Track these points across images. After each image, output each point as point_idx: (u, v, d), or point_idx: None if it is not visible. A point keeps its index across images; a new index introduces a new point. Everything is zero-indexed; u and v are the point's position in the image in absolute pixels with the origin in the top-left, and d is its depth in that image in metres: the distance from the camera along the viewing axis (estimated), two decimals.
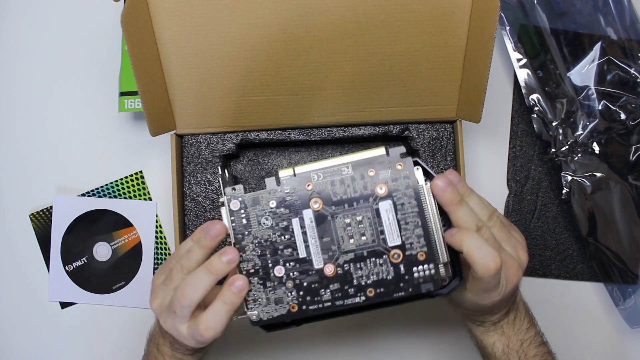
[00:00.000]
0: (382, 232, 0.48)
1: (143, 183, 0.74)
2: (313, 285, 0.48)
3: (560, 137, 0.71)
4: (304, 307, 0.48)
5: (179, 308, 0.47)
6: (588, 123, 0.71)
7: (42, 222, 0.74)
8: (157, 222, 0.74)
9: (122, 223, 0.74)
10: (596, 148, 0.71)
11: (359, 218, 0.48)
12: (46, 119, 0.75)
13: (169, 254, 0.73)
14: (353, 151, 0.49)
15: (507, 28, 0.72)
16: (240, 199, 0.48)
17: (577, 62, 0.72)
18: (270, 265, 0.48)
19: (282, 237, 0.48)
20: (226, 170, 0.51)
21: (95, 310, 0.74)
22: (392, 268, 0.48)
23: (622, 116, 0.71)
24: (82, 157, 0.75)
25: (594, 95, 0.71)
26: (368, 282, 0.49)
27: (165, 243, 0.74)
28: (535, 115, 0.72)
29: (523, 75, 0.72)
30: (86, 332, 0.73)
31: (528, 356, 0.52)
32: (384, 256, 0.48)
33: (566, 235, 0.73)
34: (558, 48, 0.72)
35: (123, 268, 0.73)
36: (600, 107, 0.71)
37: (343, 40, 0.62)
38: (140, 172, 0.74)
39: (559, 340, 0.72)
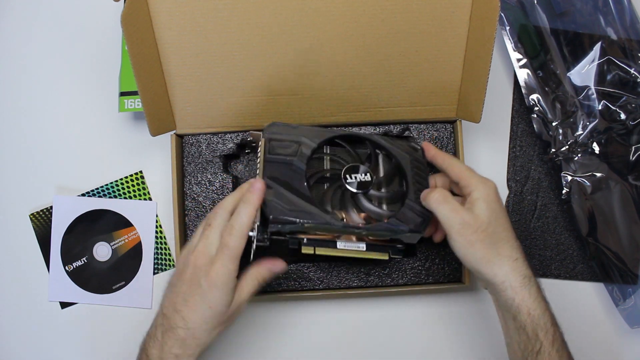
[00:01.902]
0: None
1: (143, 183, 0.74)
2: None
3: (560, 137, 0.71)
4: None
5: (232, 235, 0.51)
6: (588, 123, 0.71)
7: (42, 222, 0.74)
8: (157, 222, 0.74)
9: (122, 223, 0.74)
10: (596, 148, 0.71)
11: None
12: (46, 119, 0.75)
13: (169, 254, 0.73)
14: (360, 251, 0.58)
15: (507, 28, 0.72)
16: None
17: (577, 62, 0.72)
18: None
19: None
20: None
21: (95, 310, 0.74)
22: None
23: (622, 116, 0.71)
24: (82, 157, 0.75)
25: (594, 95, 0.71)
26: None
27: (165, 243, 0.74)
28: (535, 115, 0.72)
29: (523, 75, 0.72)
30: (86, 332, 0.73)
31: (558, 331, 0.55)
32: None
33: (566, 235, 0.73)
34: (558, 48, 0.72)
35: (123, 268, 0.73)
36: (600, 107, 0.71)
37: (343, 41, 0.62)
38: (140, 172, 0.74)
39: None
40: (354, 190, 0.59)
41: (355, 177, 0.59)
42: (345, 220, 0.58)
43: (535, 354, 0.53)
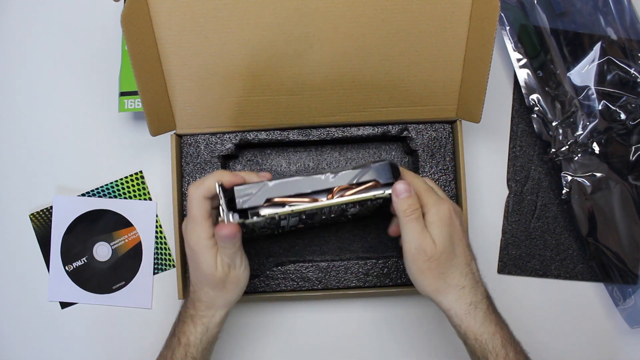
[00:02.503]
0: None
1: (143, 183, 0.74)
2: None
3: (560, 137, 0.71)
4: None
5: (188, 203, 0.56)
6: (588, 123, 0.71)
7: (42, 222, 0.74)
8: (157, 222, 0.74)
9: (122, 223, 0.74)
10: (596, 148, 0.71)
11: None
12: (46, 119, 0.76)
13: (169, 254, 0.73)
14: None
15: (507, 28, 0.72)
16: None
17: (577, 62, 0.72)
18: None
19: None
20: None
21: (95, 310, 0.74)
22: None
23: (622, 116, 0.71)
24: (82, 157, 0.75)
25: (594, 95, 0.71)
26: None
27: (165, 243, 0.74)
28: (535, 115, 0.71)
29: (523, 75, 0.72)
30: (86, 332, 0.73)
31: (517, 350, 0.55)
32: None
33: (566, 235, 0.73)
34: (558, 48, 0.72)
35: (123, 268, 0.73)
36: (600, 107, 0.71)
37: (343, 40, 0.62)
38: (140, 172, 0.74)
39: (559, 340, 0.72)
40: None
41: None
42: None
43: None
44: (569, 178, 0.71)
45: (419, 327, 0.72)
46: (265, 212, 0.54)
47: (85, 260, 0.74)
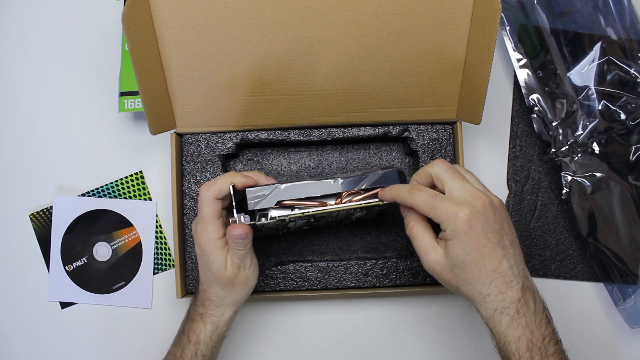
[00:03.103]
0: None
1: (143, 183, 0.74)
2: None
3: (560, 137, 0.71)
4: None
5: (199, 203, 0.57)
6: (588, 123, 0.71)
7: (42, 222, 0.74)
8: (157, 222, 0.74)
9: (122, 223, 0.74)
10: (596, 148, 0.71)
11: None
12: (46, 119, 0.75)
13: (169, 254, 0.73)
14: None
15: (507, 28, 0.72)
16: None
17: (577, 62, 0.72)
18: None
19: None
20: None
21: (95, 310, 0.74)
22: None
23: (622, 116, 0.71)
24: (82, 157, 0.75)
25: (594, 95, 0.71)
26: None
27: (165, 243, 0.74)
28: (535, 115, 0.72)
29: (523, 75, 0.72)
30: (86, 332, 0.73)
31: (548, 353, 0.52)
32: None
33: (566, 235, 0.73)
34: (558, 48, 0.72)
35: (123, 268, 0.73)
36: (600, 107, 0.71)
37: (344, 41, 0.62)
38: (140, 172, 0.74)
39: None
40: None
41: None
42: None
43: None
44: (569, 178, 0.71)
45: (418, 328, 0.72)
46: (276, 214, 0.55)
47: (85, 260, 0.73)
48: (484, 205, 0.51)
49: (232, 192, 0.54)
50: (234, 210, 0.55)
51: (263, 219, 0.55)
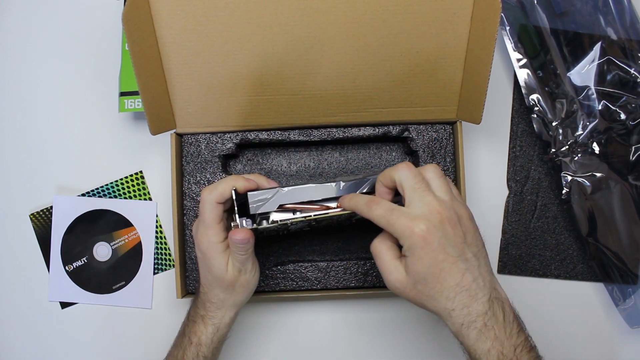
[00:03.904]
0: None
1: (143, 183, 0.74)
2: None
3: (560, 137, 0.71)
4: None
5: (201, 206, 0.56)
6: (588, 123, 0.71)
7: (42, 222, 0.74)
8: (157, 222, 0.74)
9: (122, 223, 0.74)
10: (596, 148, 0.71)
11: None
12: (46, 119, 0.75)
13: (169, 254, 0.73)
14: None
15: (507, 28, 0.72)
16: None
17: (577, 62, 0.72)
18: None
19: None
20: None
21: (95, 310, 0.74)
22: None
23: (622, 116, 0.71)
24: (82, 157, 0.75)
25: (594, 95, 0.71)
26: None
27: (165, 243, 0.74)
28: (535, 115, 0.72)
29: (523, 75, 0.72)
30: (86, 332, 0.73)
31: None
32: None
33: (566, 235, 0.73)
34: (558, 48, 0.72)
35: (123, 268, 0.73)
36: (600, 107, 0.71)
37: (344, 41, 0.62)
38: (140, 172, 0.74)
39: (558, 341, 0.72)
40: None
41: None
42: None
43: None
44: (569, 178, 0.71)
45: (417, 328, 0.72)
46: (278, 217, 0.55)
47: (85, 260, 0.73)
48: (442, 220, 0.49)
49: (234, 197, 0.54)
50: (236, 215, 0.55)
51: (264, 222, 0.55)
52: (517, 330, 0.50)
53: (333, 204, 0.56)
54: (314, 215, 0.56)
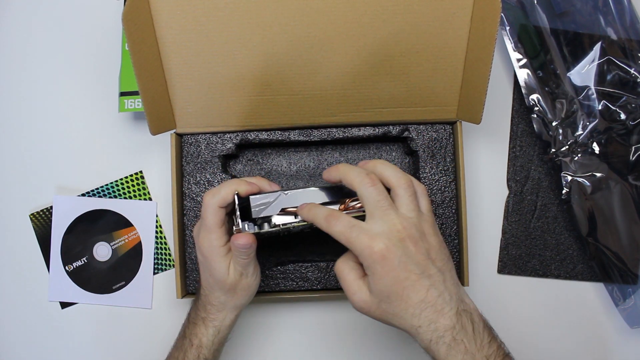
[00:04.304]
0: None
1: (143, 183, 0.74)
2: None
3: (560, 137, 0.71)
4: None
5: (203, 210, 0.56)
6: (588, 123, 0.71)
7: (42, 222, 0.74)
8: (157, 222, 0.74)
9: (122, 223, 0.74)
10: (596, 148, 0.71)
11: None
12: (46, 119, 0.75)
13: (169, 254, 0.73)
14: None
15: (507, 28, 0.72)
16: None
17: (577, 62, 0.72)
18: None
19: None
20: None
21: (95, 310, 0.74)
22: None
23: (622, 116, 0.71)
24: (82, 157, 0.75)
25: (594, 95, 0.71)
26: None
27: (165, 243, 0.74)
28: (535, 115, 0.72)
29: (523, 75, 0.72)
30: (86, 332, 0.73)
31: None
32: None
33: (566, 235, 0.73)
34: (558, 48, 0.72)
35: (123, 268, 0.73)
36: (600, 107, 0.71)
37: (344, 40, 0.62)
38: (140, 172, 0.74)
39: (558, 341, 0.72)
40: None
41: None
42: None
43: None
44: (569, 178, 0.71)
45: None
46: (280, 221, 0.55)
47: (85, 260, 0.73)
48: (401, 238, 0.48)
49: (236, 202, 0.54)
50: (239, 219, 0.54)
51: (266, 225, 0.55)
52: (488, 340, 0.50)
53: (335, 207, 0.56)
54: None
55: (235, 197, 0.54)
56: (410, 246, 0.49)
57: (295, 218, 0.56)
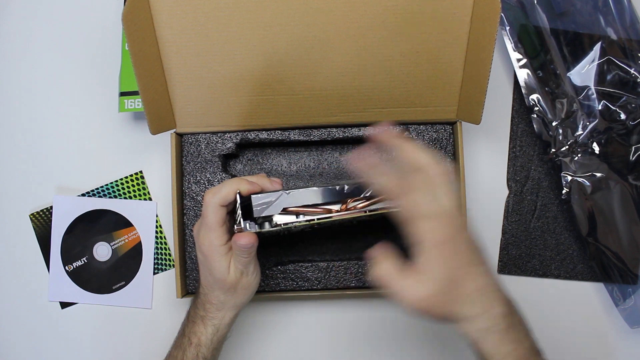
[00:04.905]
0: None
1: (143, 183, 0.74)
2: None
3: (560, 137, 0.71)
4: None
5: (204, 208, 0.56)
6: (588, 123, 0.71)
7: (42, 222, 0.74)
8: (157, 222, 0.74)
9: (122, 223, 0.74)
10: (596, 148, 0.71)
11: None
12: (46, 119, 0.75)
13: (169, 254, 0.73)
14: None
15: (507, 28, 0.72)
16: None
17: (577, 62, 0.72)
18: None
19: None
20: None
21: (95, 310, 0.74)
22: None
23: (622, 116, 0.71)
24: (82, 157, 0.75)
25: (594, 95, 0.71)
26: None
27: (166, 243, 0.74)
28: (535, 115, 0.72)
29: (523, 75, 0.72)
30: (86, 332, 0.73)
31: None
32: None
33: (566, 235, 0.73)
34: (558, 48, 0.72)
35: (123, 268, 0.73)
36: (600, 107, 0.71)
37: (344, 41, 0.62)
38: (140, 172, 0.74)
39: (559, 341, 0.72)
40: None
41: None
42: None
43: None
44: (569, 178, 0.71)
45: (417, 328, 0.72)
46: (281, 221, 0.55)
47: (85, 260, 0.73)
48: (455, 226, 0.48)
49: (238, 201, 0.54)
50: (240, 218, 0.54)
51: (267, 224, 0.55)
52: (528, 328, 0.50)
53: (336, 207, 0.56)
54: (317, 219, 0.55)
55: (238, 196, 0.54)
56: (461, 234, 0.48)
57: (297, 218, 0.55)
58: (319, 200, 0.56)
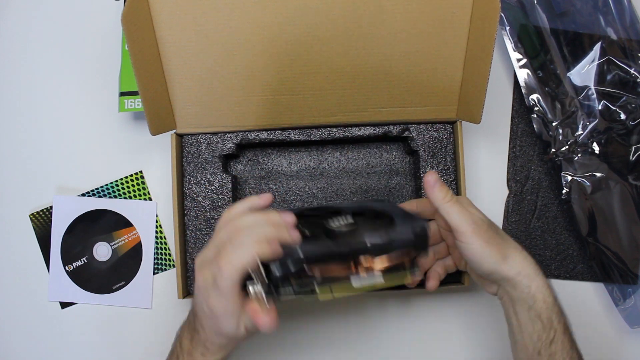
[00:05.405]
0: None
1: (143, 183, 0.74)
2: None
3: (560, 137, 0.71)
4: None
5: (221, 276, 0.48)
6: (588, 123, 0.71)
7: (42, 222, 0.74)
8: (157, 222, 0.74)
9: (122, 223, 0.74)
10: (596, 148, 0.71)
11: None
12: (46, 119, 0.75)
13: (169, 254, 0.73)
14: None
15: (507, 28, 0.72)
16: None
17: (577, 62, 0.72)
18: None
19: None
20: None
21: (95, 310, 0.74)
22: None
23: (622, 116, 0.71)
24: (82, 157, 0.75)
25: (594, 95, 0.71)
26: None
27: (165, 243, 0.74)
28: (535, 115, 0.72)
29: (523, 75, 0.72)
30: (86, 332, 0.73)
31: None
32: None
33: (566, 235, 0.73)
34: (558, 48, 0.72)
35: (123, 268, 0.73)
36: (600, 107, 0.71)
37: (344, 41, 0.62)
38: (140, 172, 0.74)
39: None
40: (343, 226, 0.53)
41: (338, 221, 0.53)
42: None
43: (549, 343, 0.53)
44: (569, 178, 0.71)
45: (418, 327, 0.72)
46: (299, 289, 0.50)
47: (85, 260, 0.73)
48: (486, 221, 0.57)
49: (263, 273, 0.48)
50: (263, 295, 0.49)
51: (288, 289, 0.49)
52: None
53: (344, 265, 0.51)
54: (339, 289, 0.50)
55: (261, 267, 0.48)
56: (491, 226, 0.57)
57: (316, 283, 0.50)
58: (335, 251, 0.50)
